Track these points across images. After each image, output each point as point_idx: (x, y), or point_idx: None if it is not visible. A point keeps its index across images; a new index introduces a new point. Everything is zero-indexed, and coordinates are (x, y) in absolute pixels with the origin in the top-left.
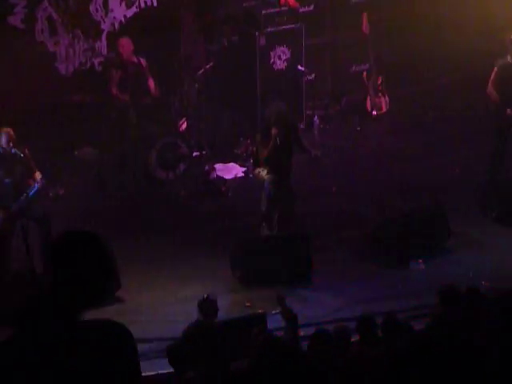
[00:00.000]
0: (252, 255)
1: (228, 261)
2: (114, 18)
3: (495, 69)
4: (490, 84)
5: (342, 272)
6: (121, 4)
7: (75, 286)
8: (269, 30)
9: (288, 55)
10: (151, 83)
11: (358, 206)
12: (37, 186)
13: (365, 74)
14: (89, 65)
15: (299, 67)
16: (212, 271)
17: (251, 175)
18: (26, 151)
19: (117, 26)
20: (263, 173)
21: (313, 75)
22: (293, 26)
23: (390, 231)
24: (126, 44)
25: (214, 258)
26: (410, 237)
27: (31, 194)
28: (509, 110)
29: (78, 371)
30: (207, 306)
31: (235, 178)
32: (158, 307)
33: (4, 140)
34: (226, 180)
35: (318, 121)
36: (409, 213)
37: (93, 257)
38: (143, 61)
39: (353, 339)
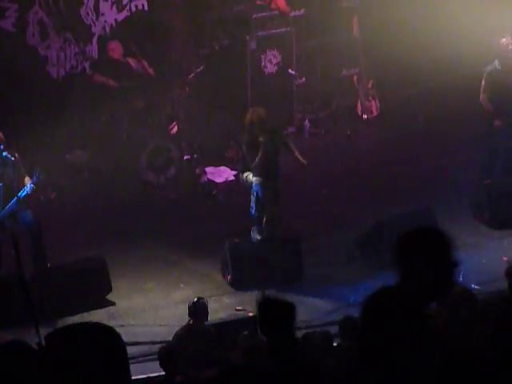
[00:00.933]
0: (242, 259)
1: (219, 264)
2: (105, 21)
3: (485, 76)
4: (481, 92)
5: (332, 275)
6: (112, 8)
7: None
8: (259, 33)
9: (279, 59)
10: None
11: (348, 209)
12: (29, 187)
13: (355, 77)
14: (80, 68)
15: (290, 71)
16: (203, 274)
17: (240, 181)
18: (17, 155)
19: (108, 29)
20: (251, 176)
21: (303, 79)
22: (283, 29)
23: (381, 234)
24: (115, 47)
25: (205, 262)
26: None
27: (22, 195)
28: (497, 122)
29: (67, 374)
30: (198, 309)
31: (226, 182)
32: (149, 310)
33: None
34: (216, 183)
35: (308, 124)
36: (399, 216)
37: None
38: (132, 61)
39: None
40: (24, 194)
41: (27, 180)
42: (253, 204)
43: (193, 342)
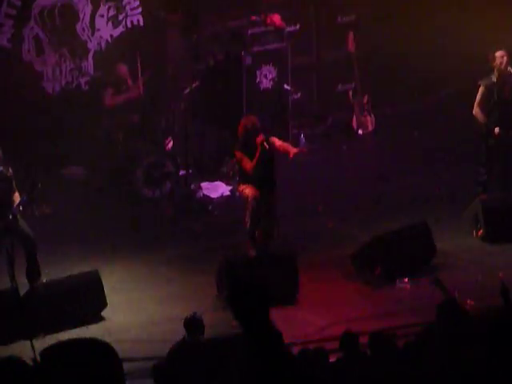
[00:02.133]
0: (237, 275)
1: (214, 280)
2: (101, 37)
3: (481, 89)
4: (475, 105)
5: (328, 291)
6: (107, 24)
7: None
8: (255, 49)
9: (274, 74)
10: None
11: (344, 226)
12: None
13: (350, 93)
14: (75, 84)
15: (285, 86)
16: (199, 290)
17: (237, 193)
18: (10, 170)
19: (103, 45)
20: (247, 190)
21: (299, 94)
22: (279, 45)
23: (376, 250)
24: (120, 69)
25: (201, 277)
26: (395, 256)
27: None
28: (497, 129)
29: None
30: (193, 324)
31: (221, 197)
32: (145, 326)
33: None
34: (212, 199)
35: (303, 139)
36: (395, 232)
37: None
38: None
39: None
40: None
41: (17, 196)
42: (247, 218)
43: (188, 358)
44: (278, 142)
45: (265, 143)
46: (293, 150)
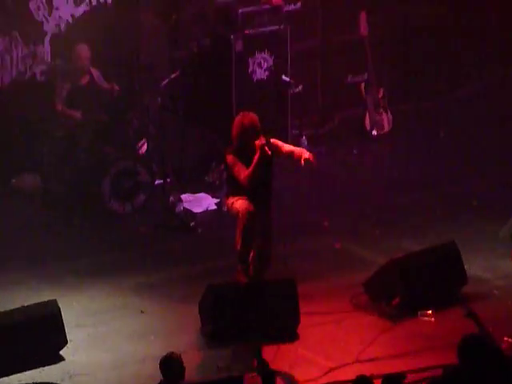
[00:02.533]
0: (225, 306)
1: (196, 311)
2: (60, 17)
3: None
4: None
5: (336, 324)
6: (68, 1)
7: None
8: (247, 32)
9: (270, 63)
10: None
11: (354, 245)
12: None
13: (363, 85)
14: (29, 74)
15: (284, 77)
16: (177, 324)
17: (225, 208)
18: None
19: (63, 27)
20: (238, 203)
21: (300, 87)
22: (276, 27)
23: (394, 276)
24: (82, 51)
25: (181, 308)
26: (417, 283)
27: None
28: None
29: None
30: (170, 367)
31: (206, 212)
32: (113, 368)
33: None
34: (195, 214)
35: (306, 142)
36: (416, 254)
37: None
38: (94, 71)
39: None
40: None
41: None
42: (238, 238)
43: None
44: (283, 145)
45: (266, 148)
46: (305, 155)
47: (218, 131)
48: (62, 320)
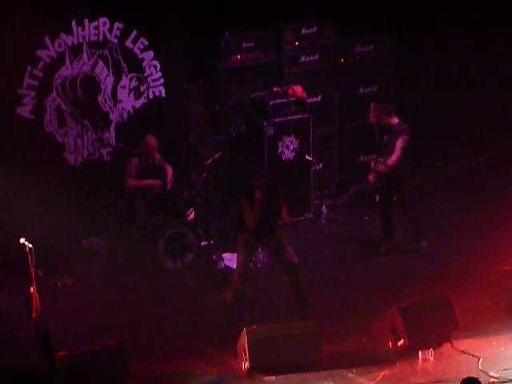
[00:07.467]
0: (260, 344)
1: (235, 351)
2: (123, 108)
3: None
4: None
5: (352, 365)
6: (129, 95)
7: None
8: (277, 120)
9: (296, 145)
10: (169, 170)
11: (367, 296)
12: None
13: (372, 163)
14: (97, 155)
15: (307, 157)
16: (220, 362)
17: (259, 265)
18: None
19: (125, 116)
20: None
21: (320, 165)
22: (300, 116)
23: (398, 320)
24: (151, 141)
25: (224, 349)
26: (418, 327)
27: None
28: None
29: None
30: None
31: None
32: None
33: None
34: (234, 270)
35: (325, 210)
36: (417, 303)
37: None
38: (156, 155)
39: None
40: None
41: None
42: (237, 257)
43: None
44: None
45: (261, 202)
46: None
47: None
48: (126, 359)
